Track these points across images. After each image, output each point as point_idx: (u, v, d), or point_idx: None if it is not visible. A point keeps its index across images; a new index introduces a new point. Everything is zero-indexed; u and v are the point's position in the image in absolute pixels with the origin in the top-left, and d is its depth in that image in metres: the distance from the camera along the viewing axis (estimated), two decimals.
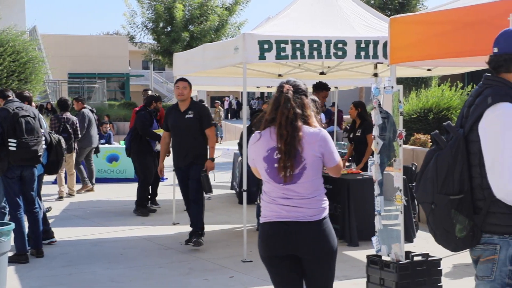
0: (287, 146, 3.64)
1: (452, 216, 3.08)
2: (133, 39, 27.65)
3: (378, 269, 5.50)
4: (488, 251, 3.10)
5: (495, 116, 3.00)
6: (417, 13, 7.09)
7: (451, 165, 3.08)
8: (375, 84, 5.76)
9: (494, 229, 3.06)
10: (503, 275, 3.09)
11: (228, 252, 7.78)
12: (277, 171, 3.68)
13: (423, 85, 19.98)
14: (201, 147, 7.97)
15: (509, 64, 3.10)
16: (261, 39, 7.16)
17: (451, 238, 3.13)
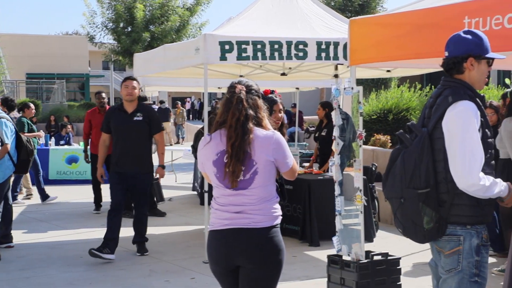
0: (235, 150, 3.45)
1: (420, 209, 3.26)
2: (93, 39, 27.35)
3: (339, 268, 5.54)
4: (452, 242, 3.27)
5: (456, 113, 3.21)
6: (376, 15, 7.17)
7: (418, 161, 3.27)
8: (336, 85, 5.80)
9: (457, 220, 3.24)
10: (470, 265, 3.24)
11: (189, 254, 7.74)
12: (226, 176, 3.49)
13: (382, 86, 20.23)
14: (148, 154, 7.49)
15: (459, 67, 3.33)
16: (222, 39, 7.15)
17: (419, 231, 3.30)
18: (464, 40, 3.33)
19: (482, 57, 3.30)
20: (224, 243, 3.56)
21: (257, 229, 3.50)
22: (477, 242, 3.23)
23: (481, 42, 3.32)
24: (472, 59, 3.31)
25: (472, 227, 3.23)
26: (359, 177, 5.46)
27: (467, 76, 3.35)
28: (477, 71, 3.34)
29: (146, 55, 9.86)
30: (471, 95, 3.29)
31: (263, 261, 3.51)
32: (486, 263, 3.30)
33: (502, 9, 4.46)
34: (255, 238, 3.50)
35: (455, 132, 3.21)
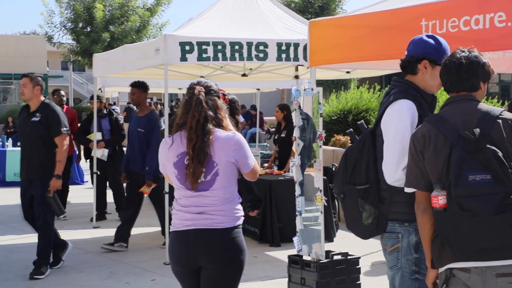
0: (196, 151, 3.45)
1: (359, 205, 3.34)
2: (51, 39, 26.97)
3: (299, 268, 5.57)
4: (392, 240, 3.32)
5: (393, 111, 3.30)
6: (335, 16, 7.24)
7: (358, 158, 3.38)
8: (296, 86, 5.84)
9: (396, 217, 3.31)
10: (409, 263, 3.28)
11: (150, 255, 7.70)
12: (187, 178, 3.48)
13: (342, 87, 20.44)
14: (44, 158, 6.63)
15: (413, 67, 3.39)
16: (183, 40, 7.13)
17: (359, 226, 3.39)
18: (424, 43, 3.39)
19: (437, 63, 3.34)
20: (186, 243, 3.55)
21: (219, 229, 3.51)
22: (415, 240, 3.25)
23: (439, 48, 3.37)
24: (427, 62, 3.36)
25: (410, 224, 3.26)
26: (320, 178, 5.50)
27: (419, 78, 3.39)
28: (430, 75, 3.38)
29: (106, 56, 9.76)
30: (416, 95, 3.35)
31: (225, 262, 3.52)
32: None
33: (458, 12, 4.54)
34: (217, 239, 3.51)
35: (388, 129, 3.30)
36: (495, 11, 4.27)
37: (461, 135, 2.86)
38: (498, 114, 2.93)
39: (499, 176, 2.74)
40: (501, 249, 2.79)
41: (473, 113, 2.95)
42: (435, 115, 3.06)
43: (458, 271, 2.91)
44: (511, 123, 2.92)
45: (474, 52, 3.05)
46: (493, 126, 2.88)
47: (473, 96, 3.03)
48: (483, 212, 2.73)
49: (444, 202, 2.85)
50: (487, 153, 2.78)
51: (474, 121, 2.91)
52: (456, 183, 2.77)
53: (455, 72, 3.01)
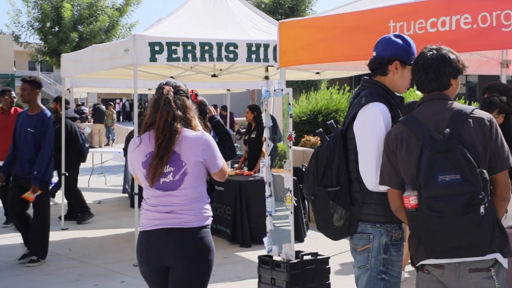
0: (161, 150, 3.46)
1: (330, 206, 3.34)
2: (18, 38, 26.59)
3: (269, 269, 5.57)
4: (363, 240, 3.34)
5: (366, 115, 3.30)
6: (305, 17, 7.27)
7: (329, 159, 3.36)
8: (266, 87, 5.85)
9: (368, 218, 3.32)
10: (378, 263, 3.32)
11: (119, 257, 7.64)
12: (148, 175, 3.49)
13: (312, 88, 20.51)
14: None
15: (384, 68, 3.39)
16: (152, 40, 7.10)
17: (330, 227, 3.39)
18: (393, 43, 3.39)
19: (407, 63, 3.36)
20: (154, 243, 3.55)
21: (187, 229, 3.51)
22: (386, 241, 3.29)
23: (409, 48, 3.39)
24: (398, 63, 3.37)
25: (382, 226, 3.29)
26: (289, 178, 5.52)
27: (389, 79, 3.40)
28: (401, 76, 3.39)
29: (74, 56, 9.66)
30: (386, 97, 3.36)
31: (193, 261, 3.52)
32: (399, 261, 3.36)
33: (425, 14, 4.60)
34: (185, 238, 3.51)
35: (364, 134, 3.29)
36: (461, 13, 4.33)
37: (431, 135, 2.89)
38: (469, 112, 2.96)
39: (467, 176, 2.78)
40: (470, 247, 2.83)
41: (444, 113, 2.98)
42: (408, 116, 3.08)
43: (432, 268, 2.95)
44: (481, 121, 2.94)
45: (442, 50, 3.06)
46: (463, 125, 2.91)
47: (445, 95, 3.06)
48: (451, 213, 2.77)
49: (415, 203, 2.88)
50: (456, 153, 2.81)
51: (445, 121, 2.94)
52: (426, 184, 2.81)
53: (424, 73, 3.04)
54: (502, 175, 2.98)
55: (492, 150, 2.94)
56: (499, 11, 4.15)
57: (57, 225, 9.54)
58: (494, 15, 4.18)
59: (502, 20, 4.14)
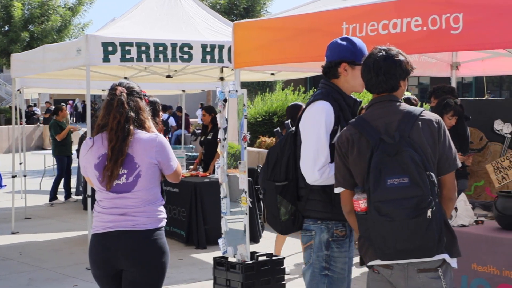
0: (115, 152, 3.42)
1: (278, 200, 3.47)
2: None
3: (225, 270, 5.56)
4: (306, 237, 3.47)
5: (309, 112, 3.44)
6: (259, 19, 7.30)
7: (279, 155, 3.51)
8: (221, 88, 5.84)
9: (310, 214, 3.44)
10: (320, 259, 3.42)
11: (72, 260, 7.52)
12: (104, 178, 3.45)
13: (268, 89, 20.59)
14: None
15: (334, 71, 3.50)
16: (105, 41, 7.02)
17: (277, 222, 3.51)
18: (339, 46, 3.49)
19: (355, 63, 3.44)
20: (107, 246, 3.51)
21: (141, 231, 3.48)
22: (327, 237, 3.39)
23: (354, 49, 3.46)
24: (346, 65, 3.45)
25: (323, 223, 3.40)
26: (244, 179, 5.52)
27: (342, 81, 3.48)
28: (352, 76, 3.47)
29: (25, 56, 9.48)
30: (337, 98, 3.44)
31: (147, 264, 3.49)
32: (342, 258, 3.43)
33: (377, 16, 4.67)
34: (138, 241, 3.48)
35: (305, 130, 3.42)
36: (412, 16, 4.42)
37: (382, 138, 2.91)
38: (418, 114, 2.99)
39: (416, 179, 2.80)
40: (418, 250, 2.87)
41: (394, 115, 3.01)
42: (359, 118, 3.11)
43: (381, 268, 2.99)
44: (430, 123, 2.98)
45: (392, 51, 3.08)
46: (412, 127, 2.94)
47: (394, 97, 3.09)
48: (400, 217, 2.80)
49: (365, 206, 2.91)
50: (405, 156, 2.84)
51: (395, 123, 2.97)
52: (375, 188, 2.83)
53: (374, 75, 3.06)
54: (449, 177, 3.04)
55: (441, 152, 2.98)
56: (448, 14, 4.25)
57: (8, 228, 9.35)
58: (443, 18, 4.27)
59: (451, 23, 4.23)
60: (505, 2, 4.10)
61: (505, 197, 4.54)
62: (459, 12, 4.21)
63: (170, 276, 3.66)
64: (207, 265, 6.95)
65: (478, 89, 26.40)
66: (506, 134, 6.55)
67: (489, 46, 4.70)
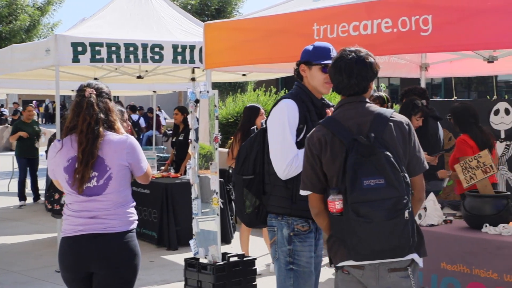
0: (85, 155, 3.38)
1: (244, 194, 3.65)
2: None
3: (196, 271, 5.55)
4: (271, 233, 3.61)
5: (276, 109, 3.59)
6: (230, 19, 7.29)
7: (249, 150, 3.68)
8: (192, 88, 5.82)
9: (272, 210, 3.59)
10: (284, 254, 3.54)
11: (41, 263, 7.42)
12: (74, 181, 3.41)
13: (239, 90, 20.59)
14: None
15: (297, 73, 3.67)
16: (75, 41, 6.95)
17: (243, 213, 3.70)
18: (303, 50, 3.67)
19: (312, 63, 3.58)
20: (78, 249, 3.47)
21: (112, 234, 3.46)
22: (288, 232, 3.53)
23: (312, 51, 3.62)
24: (303, 66, 3.62)
25: (283, 218, 3.54)
26: (216, 180, 5.51)
27: (306, 82, 3.65)
28: (310, 77, 3.61)
29: None
30: (304, 98, 3.58)
31: (118, 267, 3.46)
32: (305, 252, 3.52)
33: (348, 18, 4.70)
34: (110, 243, 3.45)
35: (271, 127, 3.57)
36: (382, 17, 4.45)
37: (355, 139, 2.91)
38: (389, 116, 3.02)
39: (391, 180, 2.82)
40: (393, 250, 2.90)
41: (365, 116, 3.02)
42: (329, 118, 3.11)
43: (352, 269, 2.99)
44: (401, 125, 3.01)
45: (361, 53, 3.08)
46: (385, 128, 2.96)
47: (364, 98, 3.11)
48: (377, 218, 2.82)
49: (340, 207, 2.91)
50: (380, 157, 2.85)
51: (367, 124, 2.98)
52: (352, 189, 2.84)
53: (347, 77, 3.06)
54: (419, 178, 3.08)
55: (411, 154, 3.01)
56: (417, 16, 4.29)
57: None
58: (413, 20, 4.31)
59: (421, 24, 4.28)
60: (473, 4, 4.16)
61: (473, 197, 4.60)
62: (428, 14, 4.26)
63: (141, 278, 3.64)
64: (178, 267, 6.92)
65: (447, 90, 26.74)
66: None
67: (457, 48, 4.77)
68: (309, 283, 3.53)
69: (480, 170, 4.80)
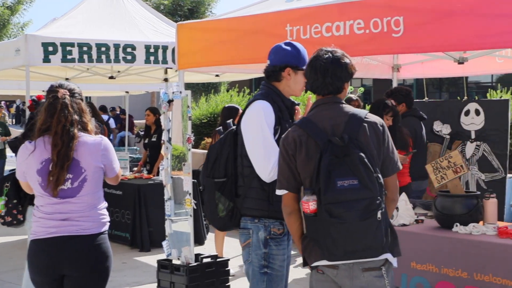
0: (61, 157, 3.34)
1: (216, 197, 3.55)
2: None
3: (169, 273, 5.52)
4: (244, 236, 3.53)
5: (251, 111, 3.51)
6: (203, 20, 7.28)
7: (219, 153, 3.60)
8: (164, 89, 5.79)
9: (247, 212, 3.51)
10: (258, 257, 3.47)
11: (11, 266, 7.32)
12: (49, 184, 3.36)
13: (212, 90, 20.56)
14: None
15: (277, 75, 3.57)
16: (46, 41, 6.90)
17: (216, 217, 3.60)
18: (284, 51, 3.55)
19: (299, 68, 3.52)
20: (49, 252, 3.42)
21: (85, 236, 3.42)
22: (264, 235, 3.45)
23: (298, 54, 3.55)
24: (290, 69, 3.53)
25: (260, 221, 3.47)
26: (189, 181, 5.49)
27: (283, 84, 3.56)
28: (294, 81, 3.56)
29: None
30: (276, 99, 3.52)
31: (91, 269, 3.43)
32: (280, 255, 3.49)
33: (321, 19, 4.72)
34: (83, 246, 3.41)
35: (248, 129, 3.48)
36: (354, 19, 4.48)
37: (330, 140, 2.93)
38: (363, 117, 3.04)
39: (365, 181, 2.84)
40: (366, 250, 2.91)
41: (340, 117, 3.03)
42: (304, 119, 3.12)
43: (326, 268, 3.00)
44: (375, 126, 3.03)
45: (337, 53, 3.10)
46: (359, 129, 2.98)
47: (339, 98, 3.12)
48: (351, 219, 2.83)
49: (314, 208, 2.90)
50: (354, 158, 2.86)
51: (341, 125, 2.99)
52: (325, 190, 2.84)
53: (322, 76, 3.07)
54: (393, 179, 3.10)
55: (385, 154, 3.03)
56: (389, 17, 4.33)
57: None
58: (385, 21, 4.35)
59: (392, 26, 4.32)
60: (444, 6, 4.20)
61: (444, 197, 4.65)
62: (400, 16, 4.29)
63: (113, 280, 3.61)
64: (151, 268, 6.88)
65: (419, 91, 27.00)
66: (445, 135, 6.72)
67: (428, 49, 4.82)
68: (281, 285, 3.52)
69: (451, 170, 4.85)
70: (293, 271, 6.80)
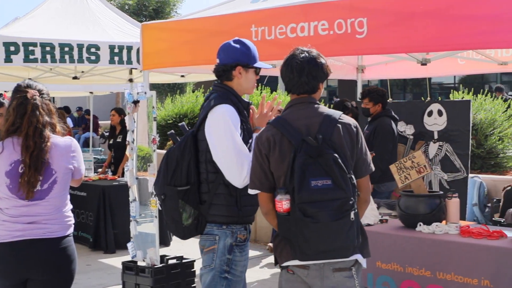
0: (34, 159, 3.28)
1: (180, 205, 3.39)
2: None
3: (134, 274, 5.49)
4: (209, 241, 3.42)
5: (215, 116, 3.36)
6: (168, 20, 7.25)
7: (180, 159, 3.41)
8: (129, 89, 5.75)
9: (215, 219, 3.40)
10: (222, 263, 3.41)
11: None
12: (21, 187, 3.29)
13: (178, 91, 20.46)
14: None
15: (228, 74, 3.48)
16: (7, 40, 6.80)
17: (179, 227, 3.44)
18: (233, 49, 3.47)
19: (249, 66, 3.47)
20: (15, 255, 3.36)
21: (52, 239, 3.37)
22: (230, 242, 3.39)
23: (248, 52, 3.48)
24: (240, 68, 3.46)
25: (228, 227, 3.39)
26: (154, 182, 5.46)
27: (235, 83, 3.48)
28: (245, 79, 3.49)
29: None
30: (234, 100, 3.44)
31: (56, 272, 3.39)
32: (242, 261, 3.46)
33: (285, 20, 4.74)
34: (49, 249, 3.36)
35: (215, 135, 3.34)
36: (319, 20, 4.51)
37: (304, 139, 2.93)
38: (338, 118, 3.05)
39: (338, 181, 2.85)
40: (338, 250, 2.93)
41: (314, 117, 3.04)
42: (279, 118, 3.11)
43: (297, 268, 3.01)
44: (349, 127, 3.04)
45: (313, 53, 3.11)
46: (333, 130, 2.99)
47: (313, 98, 3.13)
48: (324, 219, 2.83)
49: (288, 207, 2.91)
50: (328, 158, 2.87)
51: (316, 125, 3.00)
52: (299, 189, 2.84)
53: (297, 75, 3.07)
54: (365, 180, 3.12)
55: (358, 156, 3.05)
56: (353, 18, 4.37)
57: None
58: (349, 22, 4.39)
59: (356, 27, 4.35)
60: (407, 8, 4.26)
61: (408, 197, 4.71)
62: (363, 17, 4.33)
63: (77, 282, 3.56)
64: (116, 270, 6.82)
65: None
66: (408, 136, 6.80)
67: (392, 50, 4.88)
68: None
69: (414, 170, 4.90)
70: (259, 272, 6.83)
